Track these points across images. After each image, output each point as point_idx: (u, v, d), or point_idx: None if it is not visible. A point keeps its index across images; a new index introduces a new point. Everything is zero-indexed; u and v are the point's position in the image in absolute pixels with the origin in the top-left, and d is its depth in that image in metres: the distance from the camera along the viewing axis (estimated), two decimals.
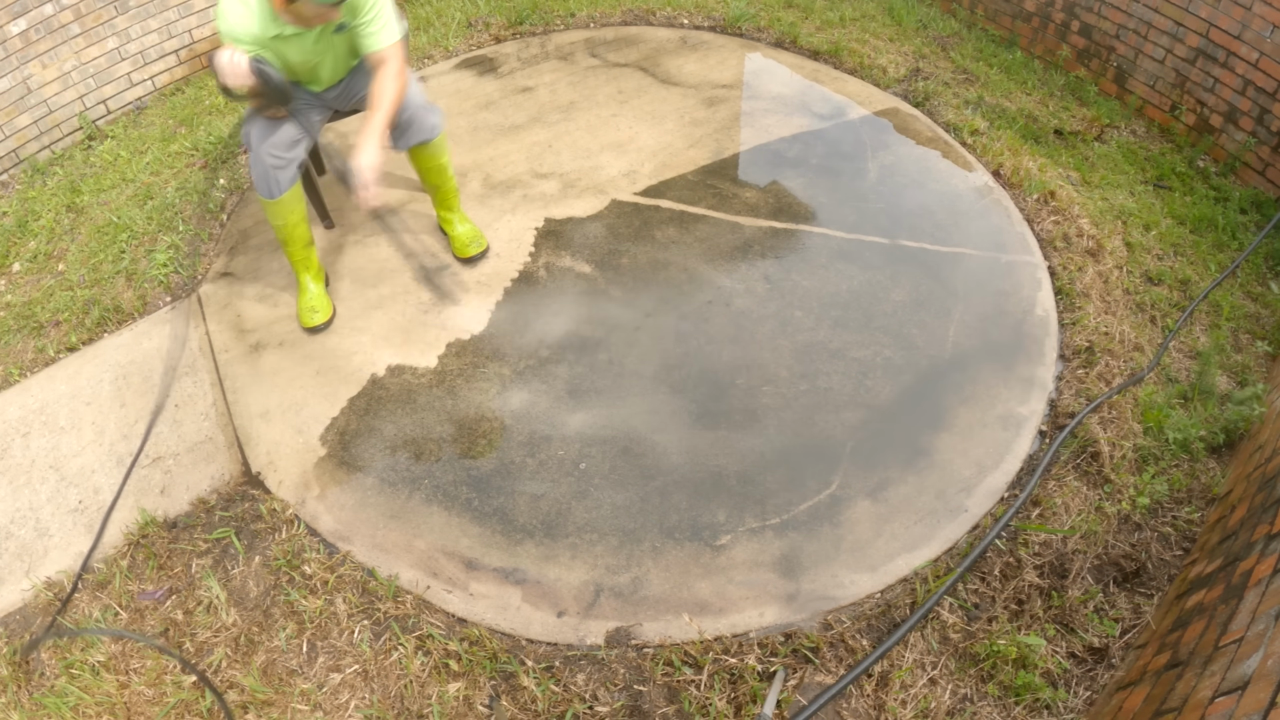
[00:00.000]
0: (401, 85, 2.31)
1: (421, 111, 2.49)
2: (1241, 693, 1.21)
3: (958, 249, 2.80)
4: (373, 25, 2.24)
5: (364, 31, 2.24)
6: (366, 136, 2.24)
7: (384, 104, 2.26)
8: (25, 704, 1.77)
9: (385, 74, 2.28)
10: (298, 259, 2.59)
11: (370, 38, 2.25)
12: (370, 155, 2.23)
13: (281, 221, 2.47)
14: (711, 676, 1.76)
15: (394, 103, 2.28)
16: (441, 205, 2.81)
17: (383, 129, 2.27)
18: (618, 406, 2.32)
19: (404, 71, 2.33)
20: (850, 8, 4.41)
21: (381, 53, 2.28)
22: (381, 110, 2.26)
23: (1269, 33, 2.91)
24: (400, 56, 2.30)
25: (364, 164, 2.22)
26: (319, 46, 2.28)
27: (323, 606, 1.92)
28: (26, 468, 2.29)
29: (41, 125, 3.52)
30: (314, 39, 2.24)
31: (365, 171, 2.22)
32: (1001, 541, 1.99)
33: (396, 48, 2.29)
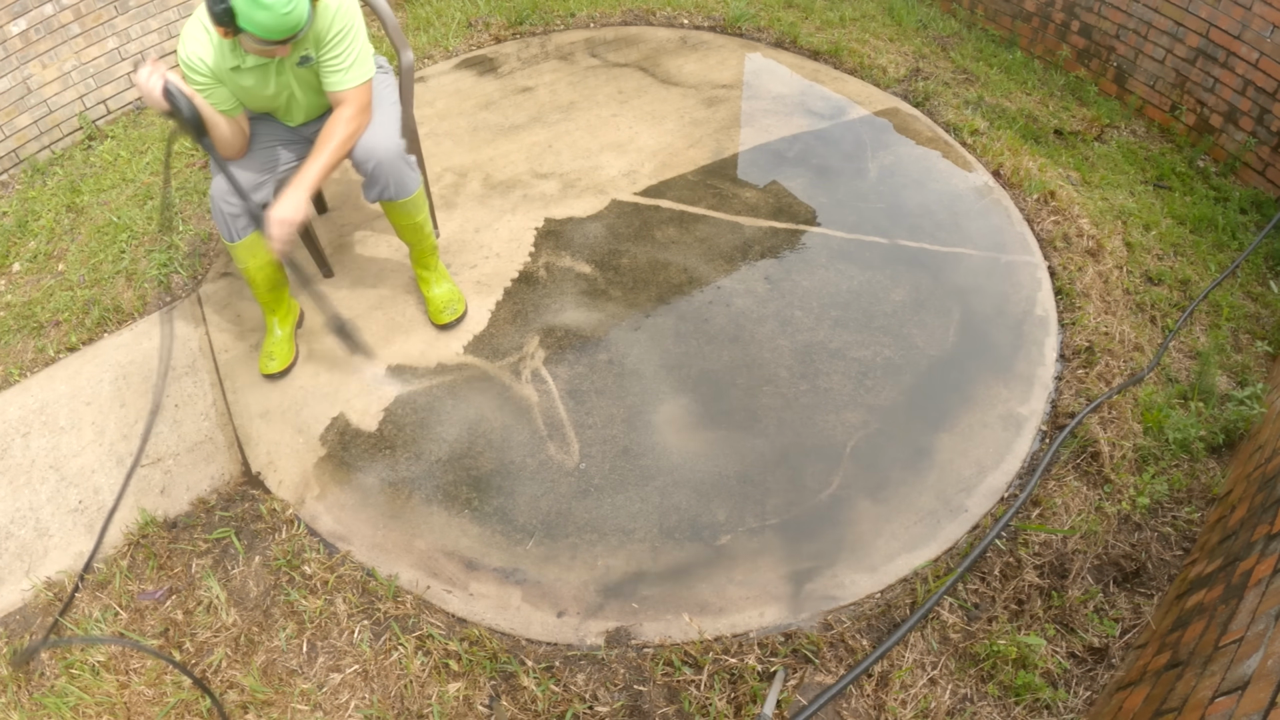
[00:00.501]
0: (354, 130, 2.10)
1: (391, 163, 2.21)
2: (1241, 693, 1.21)
3: (958, 249, 2.80)
4: (336, 62, 2.04)
5: (326, 68, 2.05)
6: (294, 185, 2.02)
7: (325, 150, 2.04)
8: (25, 704, 1.77)
9: (338, 117, 2.08)
10: (263, 301, 2.42)
11: (331, 75, 2.06)
12: (288, 208, 1.99)
13: (244, 265, 2.28)
14: (711, 676, 1.76)
15: (338, 150, 2.07)
16: (417, 262, 2.58)
17: (316, 178, 2.04)
18: (618, 406, 2.32)
19: (362, 115, 2.11)
20: (850, 8, 4.41)
21: (340, 94, 2.08)
22: (320, 158, 2.04)
23: (1269, 33, 2.91)
24: (361, 100, 2.10)
25: (277, 216, 1.99)
26: (283, 80, 2.09)
27: (323, 606, 1.92)
28: (26, 468, 2.29)
29: (41, 125, 3.52)
30: (275, 71, 2.06)
31: (276, 226, 1.99)
32: (1001, 541, 1.99)
33: (359, 91, 2.09)
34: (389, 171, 2.21)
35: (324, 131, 2.08)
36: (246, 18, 1.78)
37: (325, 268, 2.79)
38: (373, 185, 2.25)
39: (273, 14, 1.79)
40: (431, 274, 2.59)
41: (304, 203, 2.02)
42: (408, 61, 2.43)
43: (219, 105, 2.03)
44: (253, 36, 1.83)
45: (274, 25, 1.80)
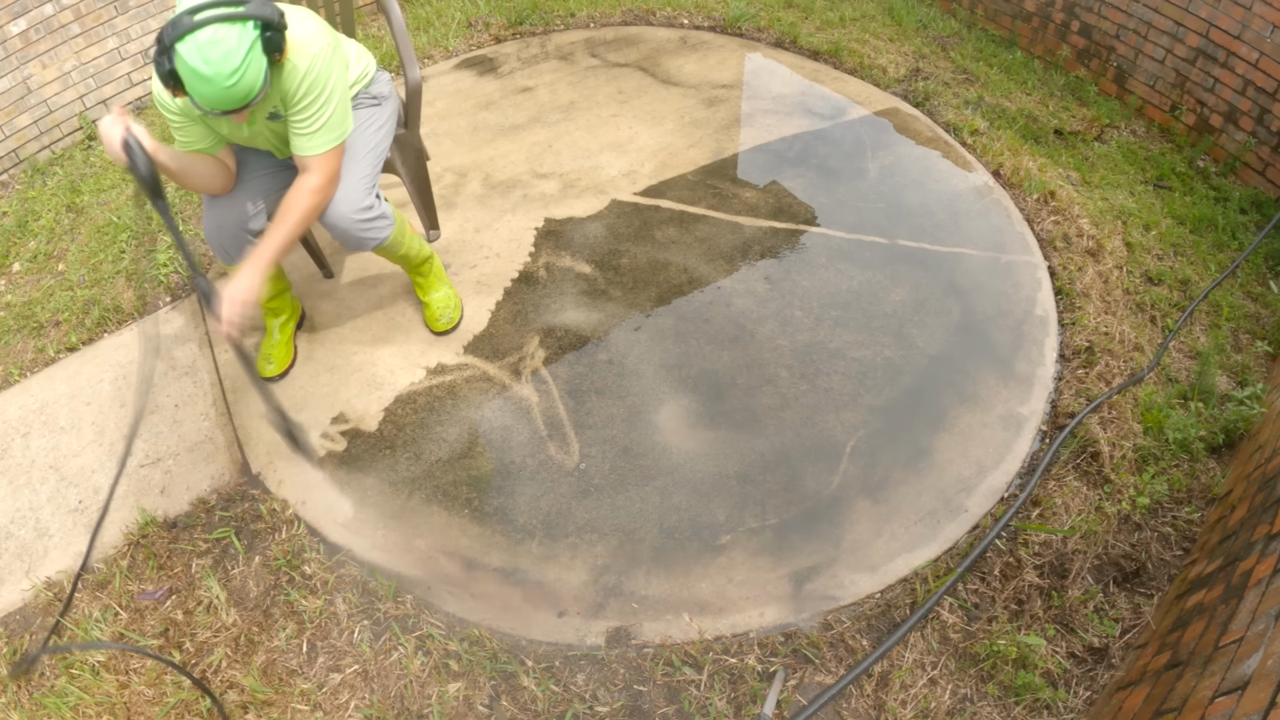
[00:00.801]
0: (318, 202, 1.91)
1: (353, 232, 2.08)
2: (1241, 693, 1.21)
3: (958, 249, 2.81)
4: (302, 125, 1.83)
5: (292, 128, 1.85)
6: (248, 264, 1.83)
7: (284, 227, 1.86)
8: (25, 704, 1.77)
9: (300, 187, 1.88)
10: (267, 307, 2.39)
11: (296, 139, 1.86)
12: (242, 287, 1.80)
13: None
14: (711, 676, 1.76)
15: (298, 225, 1.88)
16: (413, 273, 2.53)
17: (273, 255, 1.86)
18: (618, 406, 2.32)
19: (328, 187, 1.93)
20: (850, 8, 4.41)
21: (306, 159, 1.88)
22: (279, 233, 1.86)
23: (1269, 33, 2.91)
24: (329, 170, 1.91)
25: (230, 295, 1.79)
26: (257, 128, 1.93)
27: (323, 606, 1.92)
28: (26, 468, 2.29)
29: (41, 125, 3.52)
30: (249, 120, 1.88)
31: (226, 306, 1.78)
32: (1001, 541, 1.99)
33: (327, 158, 1.89)
34: (354, 237, 2.11)
35: (285, 202, 1.89)
36: (190, 88, 1.59)
37: (325, 268, 2.78)
38: (344, 244, 2.16)
39: (215, 87, 1.57)
40: (427, 280, 2.54)
41: (260, 281, 1.84)
42: (414, 81, 2.33)
43: (195, 144, 1.88)
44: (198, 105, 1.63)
45: (218, 99, 1.60)
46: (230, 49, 1.54)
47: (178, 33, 1.52)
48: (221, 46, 1.53)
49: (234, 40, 1.54)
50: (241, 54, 1.56)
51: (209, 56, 1.53)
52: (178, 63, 1.55)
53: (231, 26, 1.53)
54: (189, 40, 1.52)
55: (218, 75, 1.55)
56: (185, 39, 1.52)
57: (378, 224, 2.14)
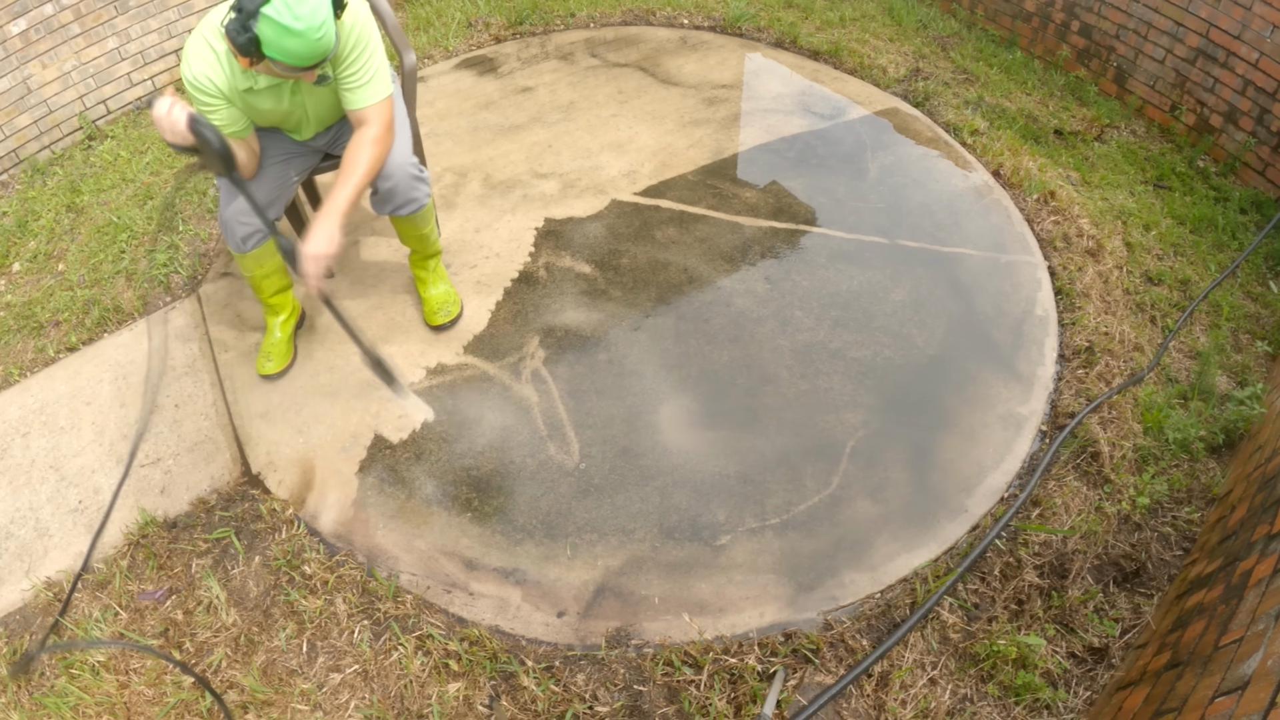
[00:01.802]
0: (380, 152, 2.00)
1: (407, 182, 2.17)
2: (1241, 693, 1.21)
3: (958, 249, 2.81)
4: (355, 78, 1.93)
5: (345, 85, 1.94)
6: (323, 216, 1.90)
7: (352, 178, 1.94)
8: (25, 704, 1.77)
9: (362, 138, 1.97)
10: (268, 303, 2.42)
11: (351, 93, 1.95)
12: (322, 241, 1.88)
13: (250, 273, 2.27)
14: (711, 676, 1.76)
15: (367, 174, 1.97)
16: (417, 264, 2.57)
17: (347, 206, 1.94)
18: (618, 406, 2.32)
19: (387, 136, 2.02)
20: (850, 8, 4.41)
21: (362, 112, 1.97)
22: (348, 185, 1.94)
23: (1269, 33, 2.91)
24: (385, 118, 2.00)
25: (312, 252, 1.87)
26: (298, 99, 2.01)
27: (323, 606, 1.92)
28: (26, 468, 2.29)
29: (41, 125, 3.53)
30: (290, 91, 1.97)
31: (310, 262, 1.87)
32: (1001, 541, 1.99)
33: (381, 107, 1.99)
34: (403, 191, 2.18)
35: (349, 154, 1.97)
36: (275, 46, 1.67)
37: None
38: (386, 202, 2.21)
39: (305, 41, 1.67)
40: (430, 275, 2.58)
41: (338, 233, 1.91)
42: (410, 63, 2.41)
43: (227, 127, 1.92)
44: (280, 64, 1.72)
45: (306, 52, 1.70)
46: (316, 3, 1.67)
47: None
48: (308, 3, 1.66)
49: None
50: (326, 7, 1.69)
51: (299, 12, 1.64)
52: (264, 25, 1.64)
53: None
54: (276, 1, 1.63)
55: (309, 29, 1.66)
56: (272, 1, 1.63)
57: (424, 186, 2.23)
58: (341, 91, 1.96)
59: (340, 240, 1.93)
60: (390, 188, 2.15)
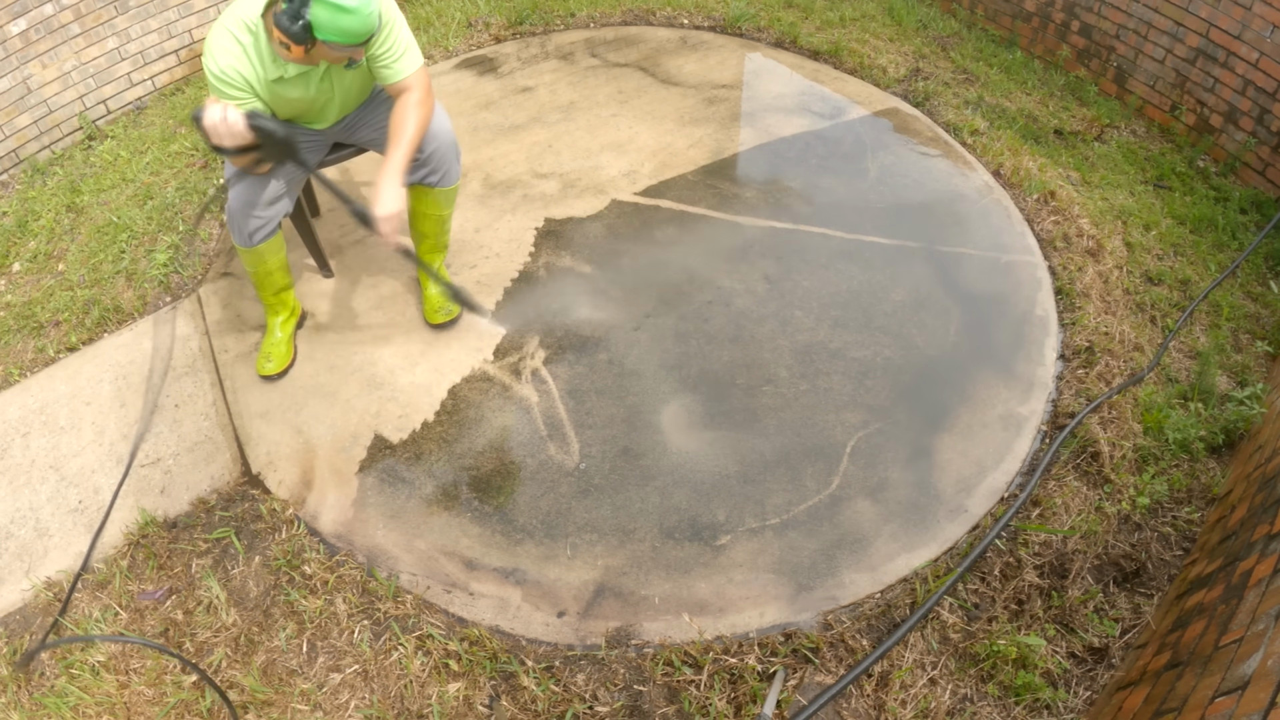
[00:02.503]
0: (426, 114, 2.06)
1: (446, 150, 2.25)
2: (1241, 693, 1.21)
3: (958, 249, 2.81)
4: (390, 54, 1.98)
5: (381, 62, 1.99)
6: (385, 177, 1.98)
7: (405, 137, 2.01)
8: (25, 704, 1.77)
9: (407, 102, 2.03)
10: (269, 302, 2.42)
11: (389, 68, 2.01)
12: (391, 201, 1.97)
13: (254, 269, 2.30)
14: (711, 676, 1.76)
15: (417, 134, 2.04)
16: (426, 250, 2.58)
17: (404, 165, 2.01)
18: (618, 406, 2.32)
19: (429, 99, 2.08)
20: (850, 8, 4.41)
21: (402, 82, 2.03)
22: (402, 145, 2.01)
23: (1269, 33, 2.91)
24: (425, 83, 2.06)
25: (383, 213, 1.97)
26: (325, 85, 2.04)
27: (323, 606, 1.92)
28: (26, 468, 2.29)
29: (41, 125, 3.52)
30: (319, 78, 2.00)
31: (385, 223, 1.98)
32: (1001, 541, 1.99)
33: (420, 74, 2.05)
34: (445, 157, 2.26)
35: (396, 119, 2.03)
36: (330, 28, 1.75)
37: (326, 268, 2.78)
38: (423, 168, 2.25)
39: (358, 17, 1.75)
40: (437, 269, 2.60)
41: (401, 191, 2.00)
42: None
43: None
44: (336, 46, 1.79)
45: (360, 28, 1.78)
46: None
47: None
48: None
49: None
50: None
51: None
52: (317, 9, 1.72)
53: None
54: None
55: (362, 6, 1.75)
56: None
57: (459, 162, 2.33)
58: (378, 69, 2.01)
59: (404, 197, 2.01)
60: (434, 150, 2.22)
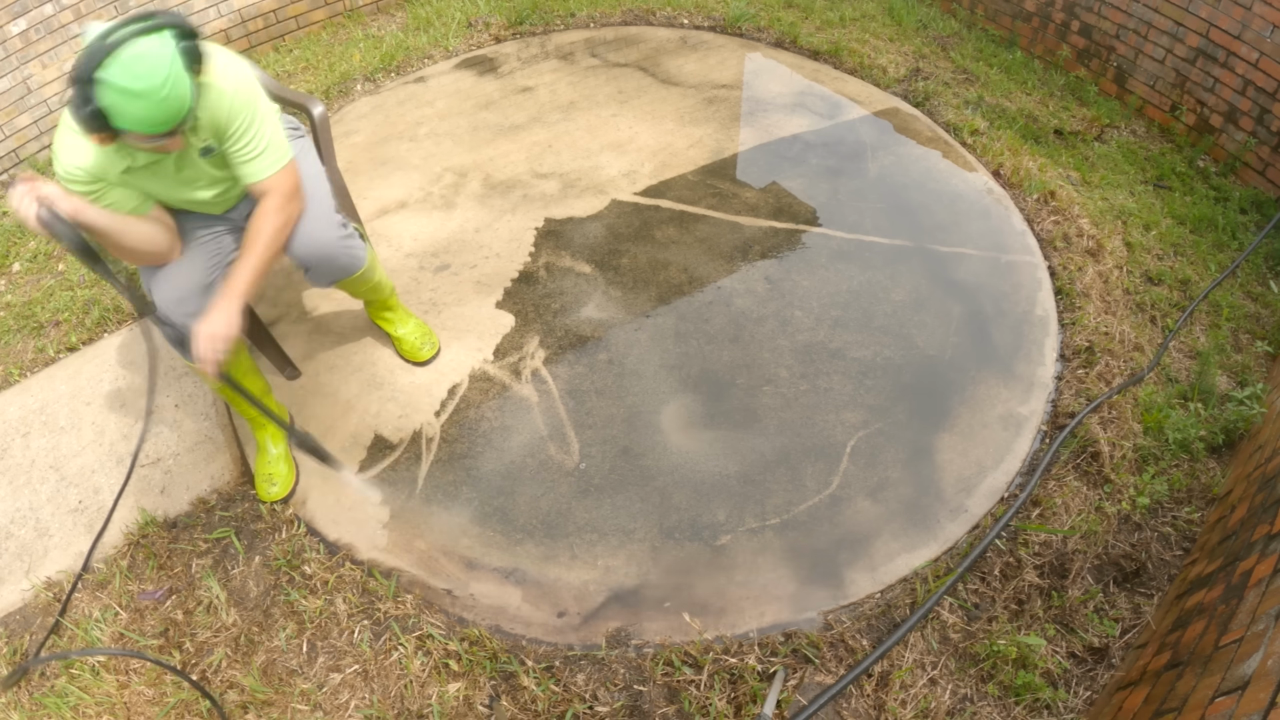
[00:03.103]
0: (283, 221, 1.79)
1: (334, 250, 1.95)
2: (1241, 693, 1.21)
3: (958, 249, 2.81)
4: (246, 151, 1.71)
5: (236, 159, 1.73)
6: (223, 297, 1.71)
7: (254, 251, 1.74)
8: (25, 704, 1.77)
9: (263, 209, 1.76)
10: (251, 416, 2.15)
11: (245, 166, 1.73)
12: (219, 322, 1.68)
13: (217, 384, 1.98)
14: (711, 676, 1.76)
15: (269, 247, 1.76)
16: (377, 311, 2.43)
17: (248, 283, 1.74)
18: (618, 406, 2.32)
19: (290, 203, 1.80)
20: (850, 8, 4.41)
21: (260, 184, 1.76)
22: (250, 261, 1.74)
23: (1269, 33, 2.91)
24: (287, 187, 1.79)
25: (207, 331, 1.67)
26: (187, 174, 1.77)
27: (323, 606, 1.92)
28: (26, 468, 2.29)
29: (41, 125, 3.52)
30: (174, 167, 1.73)
31: (203, 342, 1.67)
32: (1001, 541, 1.99)
33: (281, 176, 1.77)
34: (335, 258, 1.98)
35: (251, 229, 1.76)
36: (121, 115, 1.45)
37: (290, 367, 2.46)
38: (321, 277, 2.01)
39: (149, 102, 1.45)
40: (396, 314, 2.46)
41: (237, 314, 1.71)
42: (319, 114, 2.21)
43: (120, 206, 1.70)
44: (135, 135, 1.50)
45: (153, 116, 1.47)
46: (156, 58, 1.45)
47: (96, 59, 1.40)
48: (147, 60, 1.43)
49: (156, 49, 1.45)
50: (167, 61, 1.46)
51: (137, 71, 1.42)
52: (102, 91, 1.42)
53: (149, 37, 1.45)
54: (111, 63, 1.41)
55: (150, 88, 1.44)
56: (106, 63, 1.41)
57: (356, 243, 2.03)
58: (234, 166, 1.76)
59: (239, 323, 1.72)
60: (322, 262, 1.95)
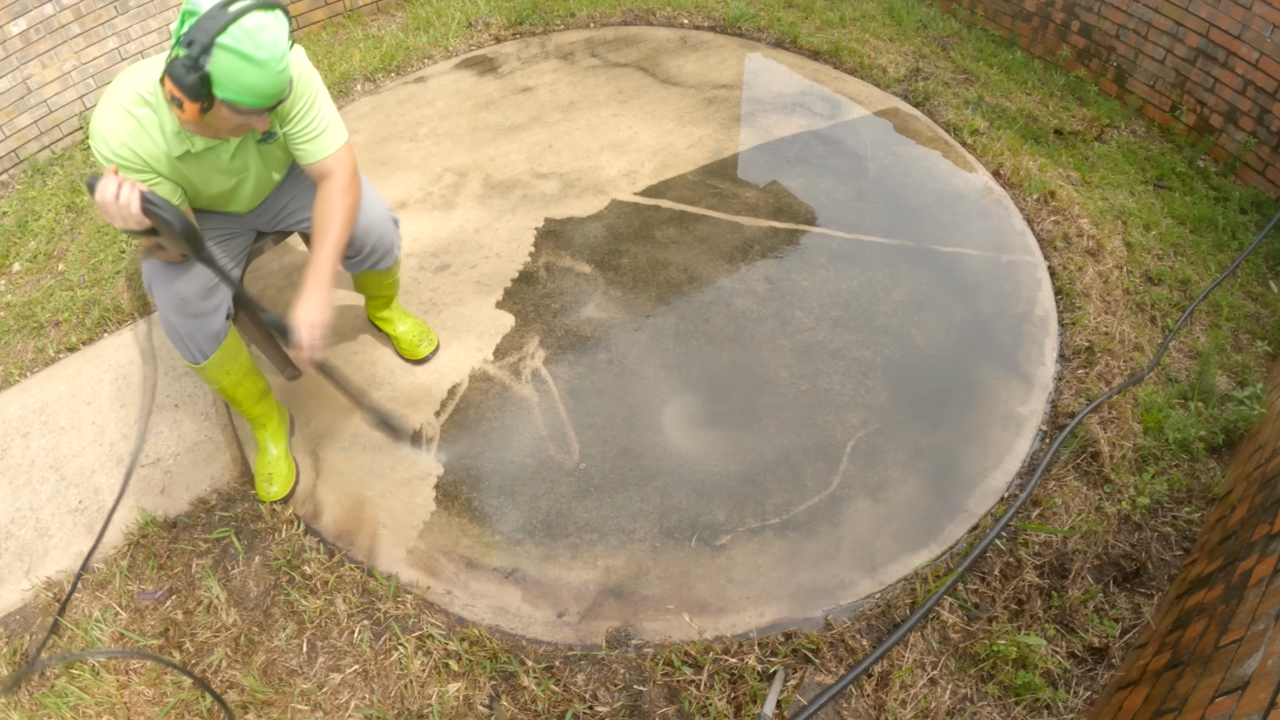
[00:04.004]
0: (352, 201, 1.79)
1: (384, 236, 2.00)
2: (1241, 693, 1.21)
3: (958, 249, 2.81)
4: (310, 129, 1.72)
5: (299, 138, 1.73)
6: (312, 282, 1.70)
7: (331, 235, 1.74)
8: (25, 704, 1.77)
9: (330, 191, 1.76)
10: (253, 415, 2.12)
11: (308, 145, 1.73)
12: (315, 309, 1.68)
13: (219, 385, 1.97)
14: (711, 676, 1.76)
15: (344, 228, 1.76)
16: (379, 307, 2.43)
17: (332, 269, 1.74)
18: (618, 406, 2.32)
19: (355, 183, 1.81)
20: (850, 8, 4.41)
21: (323, 164, 1.76)
22: (328, 243, 1.74)
23: (1269, 33, 2.91)
24: (349, 166, 1.79)
25: (306, 320, 1.66)
26: (237, 163, 1.75)
27: (323, 606, 1.92)
28: (26, 468, 2.29)
29: (41, 125, 3.52)
30: (231, 153, 1.71)
31: (305, 331, 1.66)
32: (1001, 541, 1.99)
33: (343, 154, 1.78)
34: (386, 240, 2.03)
35: (320, 213, 1.76)
36: (233, 83, 1.44)
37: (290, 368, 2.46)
38: (365, 259, 2.04)
39: (267, 72, 1.45)
40: (394, 313, 2.46)
41: (328, 298, 1.71)
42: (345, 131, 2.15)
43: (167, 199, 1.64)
44: (235, 106, 1.48)
45: (265, 87, 1.47)
46: (276, 31, 1.46)
47: (220, 25, 1.40)
48: (269, 30, 1.45)
49: (275, 23, 1.47)
50: (285, 35, 1.49)
51: (261, 40, 1.43)
52: (221, 58, 1.41)
53: (267, 12, 1.46)
54: (235, 29, 1.41)
55: (272, 59, 1.45)
56: (229, 30, 1.41)
57: (397, 230, 2.10)
58: (296, 147, 1.75)
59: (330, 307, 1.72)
60: (377, 238, 2.00)
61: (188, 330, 1.82)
